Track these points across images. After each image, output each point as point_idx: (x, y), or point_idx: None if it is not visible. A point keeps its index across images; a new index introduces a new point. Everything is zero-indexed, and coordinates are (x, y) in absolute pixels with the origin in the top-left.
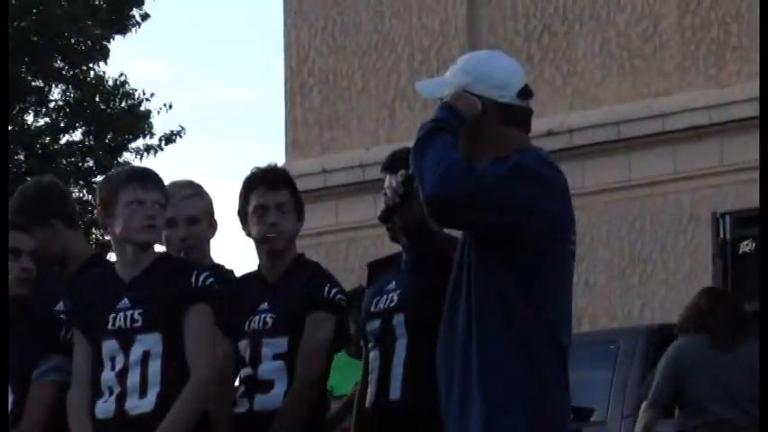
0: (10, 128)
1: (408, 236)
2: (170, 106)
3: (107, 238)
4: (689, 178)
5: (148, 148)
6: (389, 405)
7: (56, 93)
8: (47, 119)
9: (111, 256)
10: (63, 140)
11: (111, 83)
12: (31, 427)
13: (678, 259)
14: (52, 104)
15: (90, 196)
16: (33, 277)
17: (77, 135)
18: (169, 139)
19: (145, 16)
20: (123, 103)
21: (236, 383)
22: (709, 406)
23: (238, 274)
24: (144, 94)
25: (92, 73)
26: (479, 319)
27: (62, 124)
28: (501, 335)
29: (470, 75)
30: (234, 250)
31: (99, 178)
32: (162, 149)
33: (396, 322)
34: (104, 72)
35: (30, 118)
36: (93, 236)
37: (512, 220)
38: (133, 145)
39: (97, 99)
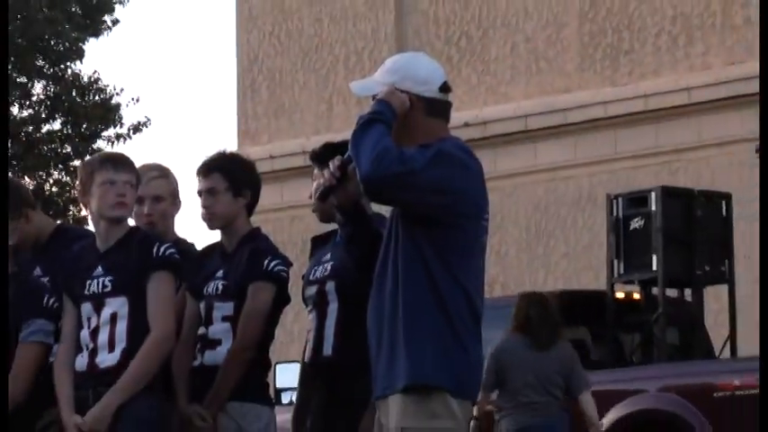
0: None
1: (343, 213)
2: (137, 100)
3: (83, 214)
4: (587, 164)
5: (118, 137)
6: (323, 360)
7: (38, 88)
8: (30, 110)
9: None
10: (44, 129)
11: (85, 79)
12: (16, 383)
13: (577, 235)
14: (34, 98)
15: (68, 178)
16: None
17: (57, 125)
18: (137, 128)
19: (115, 22)
20: (96, 97)
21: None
22: (522, 392)
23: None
24: (115, 89)
25: (69, 71)
26: (405, 285)
27: (43, 115)
28: (423, 299)
29: (398, 74)
30: (201, 226)
31: (76, 162)
32: (131, 137)
33: (328, 288)
34: (80, 70)
35: (15, 110)
36: (71, 212)
37: (435, 199)
38: (105, 133)
39: (74, 93)
